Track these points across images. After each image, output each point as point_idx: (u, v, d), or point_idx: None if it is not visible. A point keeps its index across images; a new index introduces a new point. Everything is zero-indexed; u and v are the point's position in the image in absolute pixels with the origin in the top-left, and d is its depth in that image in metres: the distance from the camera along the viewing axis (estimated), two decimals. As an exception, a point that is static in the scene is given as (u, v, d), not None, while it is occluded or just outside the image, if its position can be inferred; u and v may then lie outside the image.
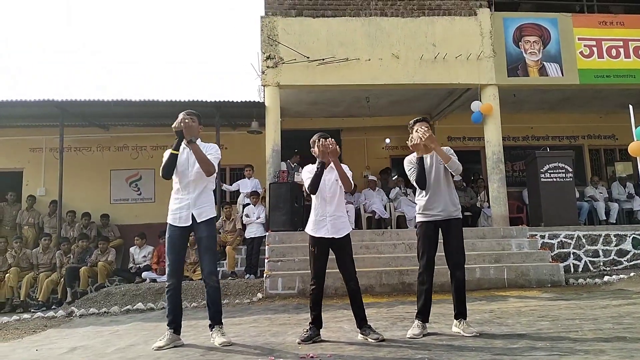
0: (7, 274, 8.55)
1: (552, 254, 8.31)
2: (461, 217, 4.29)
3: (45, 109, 9.72)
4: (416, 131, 4.21)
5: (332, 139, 4.08)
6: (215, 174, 4.26)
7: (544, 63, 9.92)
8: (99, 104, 9.61)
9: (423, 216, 4.24)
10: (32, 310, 7.91)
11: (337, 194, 4.14)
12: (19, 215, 10.62)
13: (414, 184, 4.25)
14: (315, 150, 4.15)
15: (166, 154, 4.21)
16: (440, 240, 4.23)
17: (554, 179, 9.10)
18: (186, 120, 4.11)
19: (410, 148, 4.20)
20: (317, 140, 4.13)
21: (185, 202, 4.15)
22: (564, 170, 9.12)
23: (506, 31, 9.96)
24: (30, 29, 36.62)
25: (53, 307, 8.02)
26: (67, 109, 9.72)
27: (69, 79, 33.76)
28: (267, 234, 8.42)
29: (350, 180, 4.15)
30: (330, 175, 4.14)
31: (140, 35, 38.79)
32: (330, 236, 4.06)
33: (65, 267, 8.66)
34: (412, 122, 4.35)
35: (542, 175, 9.11)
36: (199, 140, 4.24)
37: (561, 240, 8.70)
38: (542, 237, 8.65)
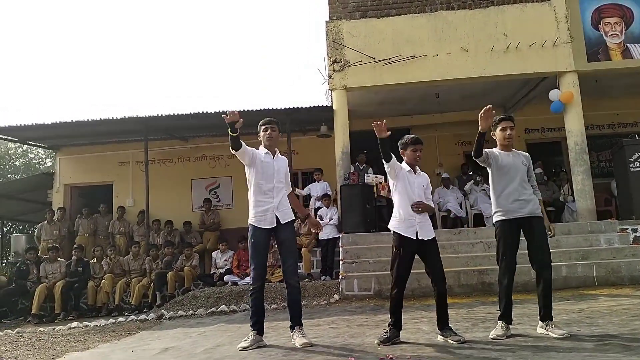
0: (103, 281, 9.22)
1: (647, 249, 7.74)
2: (542, 215, 4.14)
3: (130, 125, 10.41)
4: (501, 130, 4.20)
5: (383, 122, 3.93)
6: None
7: (627, 45, 9.25)
8: (177, 117, 10.14)
9: (503, 214, 4.11)
10: (126, 313, 8.50)
11: (423, 198, 4.16)
12: (111, 225, 11.42)
13: (476, 157, 4.18)
14: (406, 152, 4.23)
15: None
16: (522, 239, 4.10)
17: (646, 168, 8.47)
18: None
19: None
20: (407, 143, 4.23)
21: (270, 204, 4.29)
22: (656, 158, 8.47)
23: (583, 14, 9.39)
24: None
25: (145, 310, 8.56)
26: (150, 123, 10.36)
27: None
28: (340, 235, 8.49)
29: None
30: (419, 180, 4.20)
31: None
32: (420, 237, 4.06)
33: (154, 272, 9.22)
34: (497, 119, 4.24)
35: (632, 165, 8.53)
36: (277, 152, 4.41)
37: (656, 234, 8.08)
38: (634, 230, 8.10)
